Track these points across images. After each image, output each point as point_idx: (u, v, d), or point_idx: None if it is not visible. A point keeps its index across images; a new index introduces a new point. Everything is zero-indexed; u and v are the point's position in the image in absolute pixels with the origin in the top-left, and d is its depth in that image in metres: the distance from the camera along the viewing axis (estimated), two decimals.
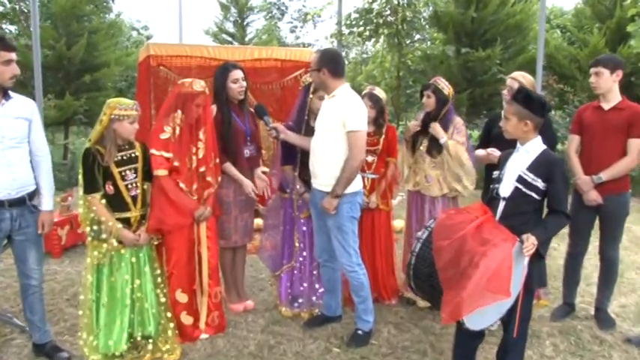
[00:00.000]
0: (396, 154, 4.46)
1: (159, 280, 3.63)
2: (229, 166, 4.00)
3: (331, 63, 3.63)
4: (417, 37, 14.15)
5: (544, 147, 2.92)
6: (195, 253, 3.76)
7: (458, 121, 4.30)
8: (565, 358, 3.72)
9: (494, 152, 3.94)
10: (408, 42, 13.23)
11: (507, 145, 3.97)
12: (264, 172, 4.35)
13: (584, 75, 11.63)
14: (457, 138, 4.20)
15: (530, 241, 2.68)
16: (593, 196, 3.95)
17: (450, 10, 12.54)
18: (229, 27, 19.65)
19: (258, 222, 5.14)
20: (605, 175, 3.92)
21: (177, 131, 3.62)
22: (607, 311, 4.33)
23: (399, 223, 6.07)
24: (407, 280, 2.90)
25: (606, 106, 4.04)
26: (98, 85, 12.68)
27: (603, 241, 4.17)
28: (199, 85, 3.69)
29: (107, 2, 13.20)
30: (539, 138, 2.93)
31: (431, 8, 13.10)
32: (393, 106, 13.48)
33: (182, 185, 3.63)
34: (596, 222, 4.15)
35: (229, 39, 19.40)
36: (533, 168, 2.85)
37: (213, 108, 3.96)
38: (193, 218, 3.68)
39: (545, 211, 2.93)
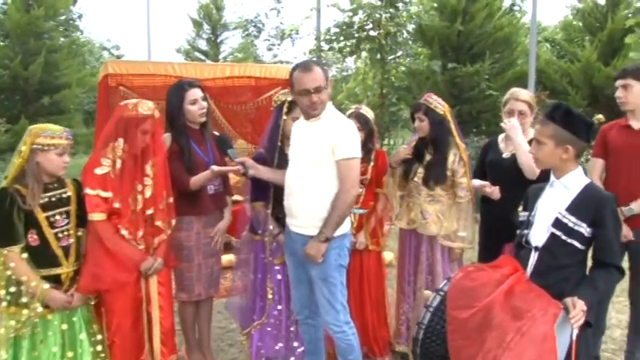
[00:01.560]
0: (384, 185, 3.80)
1: (99, 348, 2.92)
2: (195, 180, 3.32)
3: None
4: (400, 52, 13.60)
5: (588, 180, 2.27)
6: (143, 314, 3.03)
7: (458, 147, 3.62)
8: None
9: (492, 189, 3.41)
10: (391, 57, 12.64)
11: (506, 176, 3.38)
12: (236, 202, 3.64)
13: (576, 90, 11.16)
14: (457, 168, 3.55)
15: (579, 308, 2.00)
16: (624, 232, 3.30)
17: (434, 24, 12.06)
18: (202, 45, 19.02)
19: (230, 258, 4.43)
20: (636, 207, 3.28)
21: (118, 164, 2.92)
22: None
23: (387, 256, 5.32)
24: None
25: (636, 124, 3.41)
26: (59, 107, 11.87)
27: (634, 282, 3.52)
28: (146, 106, 3.00)
29: (72, 20, 12.42)
30: (580, 169, 2.28)
31: (415, 22, 12.55)
32: (377, 126, 12.83)
33: (124, 232, 2.91)
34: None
35: (202, 57, 18.71)
36: (576, 208, 2.21)
37: (167, 136, 3.27)
38: (140, 272, 2.96)
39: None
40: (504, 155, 3.52)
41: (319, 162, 2.94)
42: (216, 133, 3.67)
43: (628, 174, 3.34)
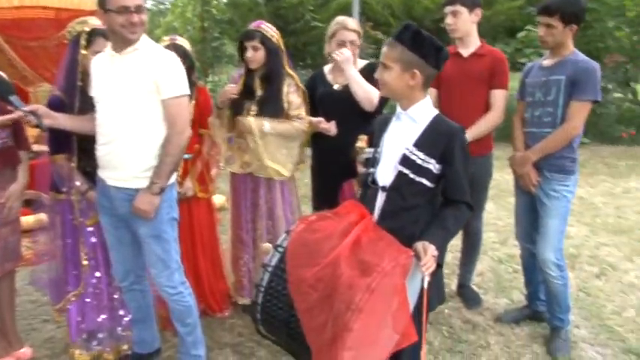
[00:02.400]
0: (209, 125, 3.40)
1: None
2: None
3: None
4: None
5: (436, 112, 2.07)
6: None
7: (292, 77, 3.31)
8: (444, 358, 3.09)
9: (328, 125, 3.19)
10: None
11: (339, 109, 3.18)
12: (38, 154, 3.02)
13: (398, 21, 11.37)
14: (293, 99, 3.25)
15: (430, 254, 1.83)
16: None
17: None
18: None
19: (41, 218, 3.76)
20: (469, 135, 3.25)
21: None
22: (471, 287, 3.82)
23: (217, 199, 4.90)
24: (254, 325, 1.93)
25: (465, 52, 3.37)
26: None
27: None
28: None
29: None
30: (428, 99, 2.07)
31: None
32: (199, 62, 12.11)
33: None
34: None
35: None
36: (424, 143, 2.00)
37: None
38: None
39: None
40: (335, 87, 3.30)
41: (140, 102, 2.49)
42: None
43: (460, 102, 3.30)
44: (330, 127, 3.19)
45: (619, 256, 4.51)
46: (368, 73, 3.11)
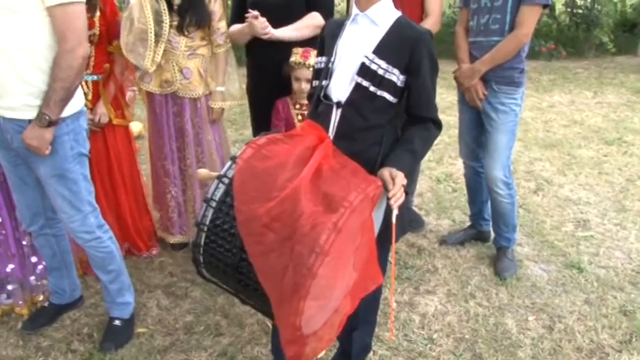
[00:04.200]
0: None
1: None
2: None
3: None
4: None
5: (399, 14, 1.75)
6: None
7: None
8: (396, 288, 2.94)
9: (262, 22, 2.72)
10: None
11: (274, 17, 2.74)
12: None
13: None
14: (215, 9, 2.83)
15: (399, 184, 1.56)
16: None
17: None
18: None
19: None
20: None
21: None
22: (413, 209, 3.67)
23: (135, 127, 4.36)
24: (196, 268, 1.63)
25: None
26: None
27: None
28: None
29: None
30: None
31: None
32: None
33: None
34: None
35: None
36: (386, 50, 1.69)
37: None
38: None
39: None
40: None
41: (20, 11, 1.98)
42: None
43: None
44: (263, 24, 2.73)
45: (552, 171, 4.51)
46: None
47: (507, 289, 2.93)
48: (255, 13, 2.69)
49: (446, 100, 6.13)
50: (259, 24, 2.71)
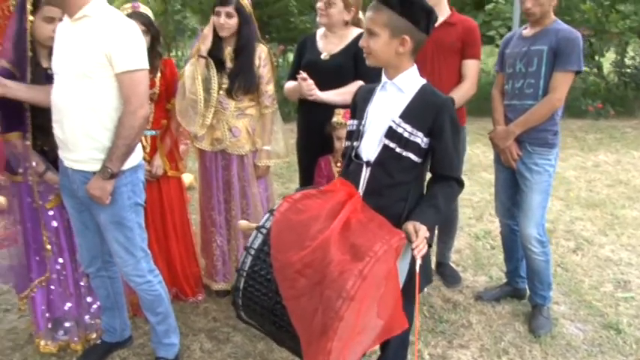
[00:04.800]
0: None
1: None
2: None
3: None
4: None
5: (423, 81, 1.94)
6: None
7: (262, 49, 3.14)
8: (427, 338, 3.01)
9: (308, 84, 2.91)
10: None
11: (324, 80, 2.92)
12: None
13: None
14: (264, 74, 3.09)
15: (421, 236, 1.71)
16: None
17: None
18: None
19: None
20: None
21: None
22: (450, 265, 3.75)
23: (186, 178, 4.67)
24: (235, 311, 1.79)
25: None
26: None
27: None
28: None
29: None
30: (415, 68, 1.93)
31: None
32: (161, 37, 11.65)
33: None
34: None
35: None
36: (411, 115, 1.87)
37: None
38: None
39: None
40: (322, 57, 3.06)
41: (90, 76, 2.25)
42: None
43: (432, 73, 3.08)
44: (310, 86, 2.91)
45: (593, 230, 4.51)
46: None
47: (541, 347, 2.95)
48: (304, 75, 2.92)
49: (488, 159, 6.22)
50: (306, 85, 2.91)
